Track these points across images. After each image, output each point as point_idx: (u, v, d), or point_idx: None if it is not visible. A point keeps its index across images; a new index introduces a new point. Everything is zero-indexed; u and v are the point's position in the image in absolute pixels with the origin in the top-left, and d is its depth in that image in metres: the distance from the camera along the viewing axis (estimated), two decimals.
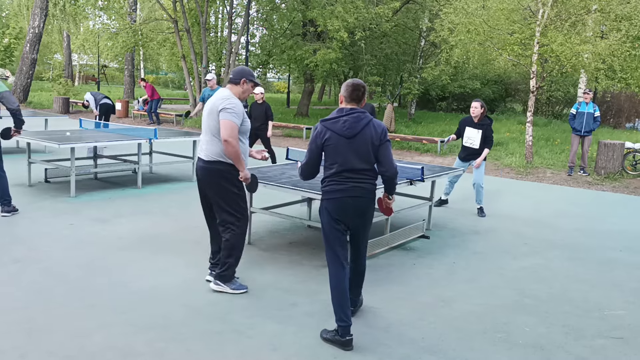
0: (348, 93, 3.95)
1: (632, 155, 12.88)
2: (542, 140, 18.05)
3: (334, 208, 3.98)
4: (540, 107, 29.18)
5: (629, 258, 6.45)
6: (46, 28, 31.08)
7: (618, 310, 4.83)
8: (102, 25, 23.40)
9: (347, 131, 3.89)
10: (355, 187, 3.95)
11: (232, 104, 4.47)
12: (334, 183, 3.97)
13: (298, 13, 21.20)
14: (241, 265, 5.44)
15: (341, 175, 3.95)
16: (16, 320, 4.02)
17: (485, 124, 8.01)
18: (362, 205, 4.00)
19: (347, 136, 3.89)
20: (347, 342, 3.84)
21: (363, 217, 4.05)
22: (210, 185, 4.61)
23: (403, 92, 24.03)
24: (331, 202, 3.98)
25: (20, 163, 9.71)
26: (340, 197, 3.95)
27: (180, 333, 3.96)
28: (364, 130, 3.91)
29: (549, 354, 3.93)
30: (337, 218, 3.99)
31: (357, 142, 3.90)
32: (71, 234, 6.20)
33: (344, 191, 3.95)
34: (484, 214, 8.19)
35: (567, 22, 12.99)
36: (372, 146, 3.93)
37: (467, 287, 5.22)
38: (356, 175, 3.95)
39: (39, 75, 40.35)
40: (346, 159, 3.92)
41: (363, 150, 3.92)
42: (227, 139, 4.40)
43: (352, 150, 3.91)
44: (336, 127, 3.92)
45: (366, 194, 3.99)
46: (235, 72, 4.68)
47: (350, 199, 3.95)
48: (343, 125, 3.90)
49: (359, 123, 3.90)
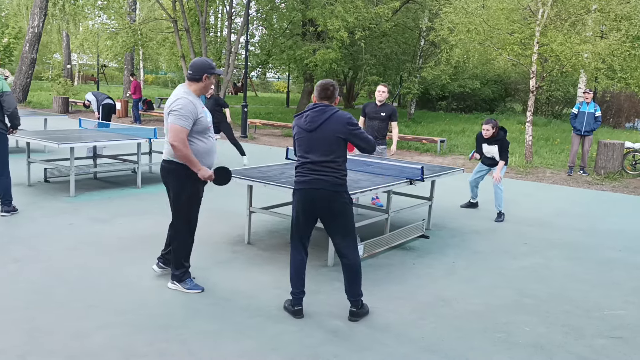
0: (317, 92, 4.21)
1: (631, 155, 12.89)
2: (541, 140, 18.05)
3: (298, 199, 4.24)
4: (540, 107, 29.19)
5: (629, 258, 6.45)
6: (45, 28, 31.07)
7: (618, 310, 4.83)
8: (102, 25, 23.37)
9: (308, 125, 4.14)
10: (316, 180, 4.13)
11: (179, 105, 4.34)
12: (299, 174, 4.23)
13: (298, 13, 21.19)
14: (241, 265, 5.44)
15: (304, 167, 4.19)
16: (16, 320, 4.02)
17: (499, 139, 7.98)
18: (324, 196, 4.14)
19: (309, 129, 4.13)
20: (296, 312, 4.29)
21: (328, 209, 4.18)
22: (166, 185, 4.64)
23: (403, 92, 24.03)
24: (296, 193, 4.26)
25: (19, 163, 9.71)
26: (302, 188, 4.20)
27: (181, 333, 3.95)
28: (324, 124, 4.09)
29: (549, 354, 3.93)
30: (303, 209, 4.23)
31: (317, 135, 4.11)
32: (71, 234, 6.19)
33: (305, 183, 4.18)
34: (500, 219, 7.95)
35: (567, 21, 12.99)
36: (336, 138, 4.09)
37: (467, 286, 5.22)
38: (317, 168, 4.13)
39: (38, 75, 40.32)
40: (307, 152, 4.16)
41: (323, 143, 4.10)
42: (172, 142, 4.34)
43: (313, 143, 4.13)
44: (300, 122, 4.21)
45: (327, 186, 4.12)
46: (194, 68, 4.50)
47: (312, 191, 4.15)
48: (305, 119, 4.17)
49: (320, 117, 4.11)
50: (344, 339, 3.99)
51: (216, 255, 5.74)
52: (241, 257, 5.72)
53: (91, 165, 9.74)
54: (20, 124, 7.14)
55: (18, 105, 23.86)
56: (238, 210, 7.61)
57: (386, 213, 6.38)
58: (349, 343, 3.94)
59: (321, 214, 4.22)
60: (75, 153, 8.31)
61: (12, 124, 6.98)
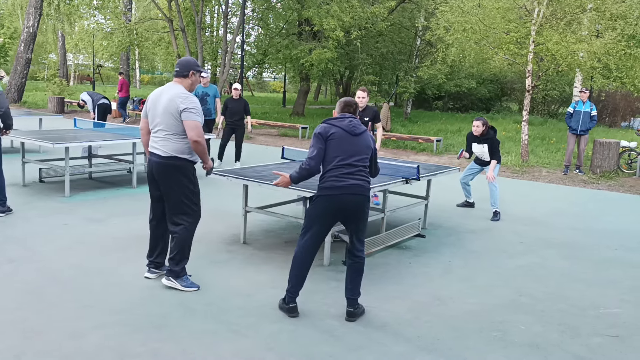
0: (340, 108, 4.37)
1: (627, 154, 12.92)
2: (537, 139, 18.08)
3: (330, 204, 4.18)
4: (536, 106, 29.24)
5: (625, 256, 6.46)
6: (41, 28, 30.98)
7: (614, 309, 4.84)
8: (97, 24, 23.31)
9: (354, 129, 4.22)
10: (356, 185, 4.16)
11: (192, 103, 4.52)
12: (333, 179, 4.15)
13: (293, 12, 21.19)
14: (236, 264, 5.42)
15: (341, 171, 4.15)
16: (11, 320, 4.00)
17: (489, 138, 7.98)
18: (360, 201, 4.20)
19: (353, 133, 4.21)
20: (291, 309, 4.29)
21: (360, 213, 4.25)
22: (166, 181, 4.61)
23: (399, 91, 24.05)
24: (328, 199, 4.17)
25: (14, 163, 9.66)
26: (339, 194, 4.14)
27: (176, 333, 3.94)
28: (365, 133, 4.30)
29: (545, 353, 3.93)
30: (333, 214, 4.21)
31: (360, 140, 4.23)
32: (66, 234, 6.17)
33: (343, 188, 4.13)
34: (497, 218, 7.95)
35: (563, 21, 13.01)
36: (370, 150, 4.31)
37: (463, 285, 5.22)
38: (355, 171, 4.18)
39: (34, 75, 40.22)
40: (348, 154, 4.18)
41: (364, 149, 4.25)
42: (197, 139, 4.49)
43: (355, 146, 4.21)
44: (343, 124, 4.22)
45: (365, 192, 4.21)
46: (182, 65, 4.66)
47: (351, 196, 4.15)
48: (350, 123, 4.24)
49: (360, 126, 4.29)
50: (340, 339, 3.98)
51: (212, 254, 5.72)
52: (237, 256, 5.71)
53: (86, 165, 9.70)
54: (13, 124, 7.12)
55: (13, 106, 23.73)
56: (233, 210, 7.59)
57: (382, 212, 6.37)
58: (344, 342, 3.93)
59: (350, 217, 4.25)
60: (70, 153, 8.28)
61: (5, 125, 6.95)
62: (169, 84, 4.68)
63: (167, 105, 4.52)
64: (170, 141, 4.55)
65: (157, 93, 4.68)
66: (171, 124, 4.53)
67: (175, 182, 4.61)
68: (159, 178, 4.65)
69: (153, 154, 4.65)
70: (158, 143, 4.62)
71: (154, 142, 4.65)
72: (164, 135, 4.57)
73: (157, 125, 4.61)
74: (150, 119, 4.69)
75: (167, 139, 4.56)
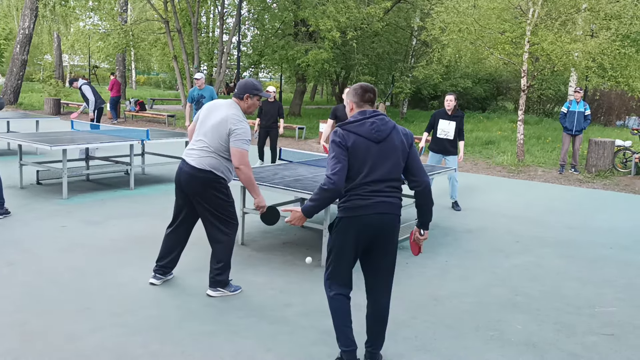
0: (359, 96, 3.44)
1: (622, 153, 12.97)
2: (533, 138, 18.14)
3: (355, 227, 3.38)
4: (532, 106, 29.32)
5: (620, 255, 6.51)
6: (36, 29, 30.92)
7: (609, 307, 4.88)
8: (93, 26, 23.26)
9: (377, 134, 3.35)
10: (383, 203, 3.37)
11: (243, 129, 4.41)
12: (357, 197, 3.36)
13: (289, 13, 21.20)
14: (235, 266, 5.45)
15: (366, 188, 3.35)
16: (9, 323, 4.01)
17: (459, 116, 8.27)
18: (390, 223, 3.41)
19: (377, 140, 3.35)
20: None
21: (388, 239, 3.45)
22: (198, 194, 4.53)
23: (395, 91, 24.08)
24: (353, 220, 3.37)
25: (11, 165, 9.67)
26: (365, 214, 3.35)
27: (175, 334, 3.96)
28: (392, 134, 3.40)
29: (541, 352, 3.97)
30: (357, 239, 3.40)
31: (386, 147, 3.37)
32: (63, 236, 6.18)
33: (369, 207, 3.35)
34: (459, 208, 8.43)
35: (557, 21, 13.07)
36: (402, 153, 3.42)
37: (459, 285, 5.25)
38: (384, 188, 3.39)
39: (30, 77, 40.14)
40: (374, 167, 3.35)
41: (393, 158, 3.38)
42: (240, 167, 4.40)
43: (382, 156, 3.36)
44: (362, 130, 3.35)
45: (395, 210, 3.43)
46: (239, 87, 4.55)
47: (377, 216, 3.36)
48: (371, 127, 3.35)
49: (386, 125, 3.40)
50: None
51: (209, 256, 5.73)
52: (235, 258, 5.72)
53: (84, 167, 9.71)
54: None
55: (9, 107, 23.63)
56: None
57: None
58: None
59: (379, 245, 3.44)
60: (68, 155, 8.28)
61: None
62: (229, 102, 4.57)
63: (219, 122, 4.44)
64: (210, 157, 4.46)
65: (217, 104, 4.58)
66: (215, 141, 4.44)
67: (209, 196, 4.52)
68: (189, 190, 4.55)
69: (185, 163, 4.55)
70: (195, 153, 4.52)
71: (190, 150, 4.57)
72: (205, 149, 4.47)
73: (202, 136, 4.52)
74: (197, 126, 4.62)
75: (207, 155, 4.46)
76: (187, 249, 5.89)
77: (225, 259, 4.68)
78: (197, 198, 4.55)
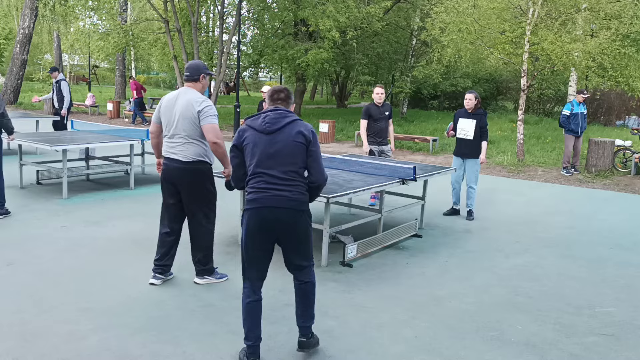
0: (269, 96, 3.64)
1: (622, 153, 12.97)
2: (533, 138, 18.14)
3: (251, 221, 3.48)
4: (532, 105, 29.29)
5: (620, 255, 6.51)
6: (36, 29, 30.92)
7: (609, 307, 4.88)
8: (93, 25, 23.26)
9: (267, 126, 3.48)
10: (275, 197, 3.44)
11: (208, 106, 4.61)
12: (252, 190, 3.49)
13: (289, 12, 21.17)
14: (233, 266, 5.45)
15: (259, 180, 3.47)
16: (9, 323, 4.02)
17: (479, 114, 7.79)
18: (284, 218, 3.46)
19: (267, 132, 3.48)
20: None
21: (288, 232, 3.51)
22: (191, 186, 4.69)
23: (395, 91, 24.07)
24: (248, 214, 3.49)
25: (12, 165, 9.66)
26: (258, 207, 3.45)
27: (175, 335, 3.96)
28: (286, 128, 3.48)
29: (541, 352, 3.97)
30: (256, 233, 3.49)
31: (277, 139, 3.46)
32: (64, 236, 6.18)
33: (260, 200, 3.45)
34: (472, 218, 7.90)
35: (558, 20, 13.07)
36: (299, 147, 3.48)
37: (459, 285, 5.25)
38: (277, 181, 3.45)
39: (30, 76, 40.13)
40: (262, 159, 3.47)
41: (286, 150, 3.46)
42: (217, 140, 4.56)
43: (272, 149, 3.46)
44: (256, 124, 3.53)
45: (291, 204, 3.46)
46: (192, 69, 4.72)
47: (268, 210, 3.44)
48: (263, 120, 3.51)
49: (282, 120, 3.49)
50: (338, 339, 4.01)
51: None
52: (235, 257, 5.73)
53: (84, 167, 9.71)
54: (13, 128, 7.17)
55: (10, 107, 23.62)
56: (231, 211, 7.62)
57: (379, 213, 6.40)
58: (342, 343, 3.96)
59: (281, 237, 3.54)
60: (68, 155, 8.29)
61: (7, 130, 7.01)
62: (182, 89, 4.74)
63: (183, 110, 4.58)
64: (191, 145, 4.63)
65: (171, 98, 4.70)
66: (190, 129, 4.59)
67: (198, 187, 4.71)
68: (180, 183, 4.70)
69: (171, 160, 4.68)
70: (176, 148, 4.65)
71: (170, 148, 4.68)
72: (183, 141, 4.62)
73: (174, 130, 4.64)
74: (164, 124, 4.72)
75: (187, 143, 4.62)
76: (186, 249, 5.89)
77: (208, 248, 4.90)
78: (187, 189, 4.71)
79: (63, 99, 11.67)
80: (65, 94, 11.69)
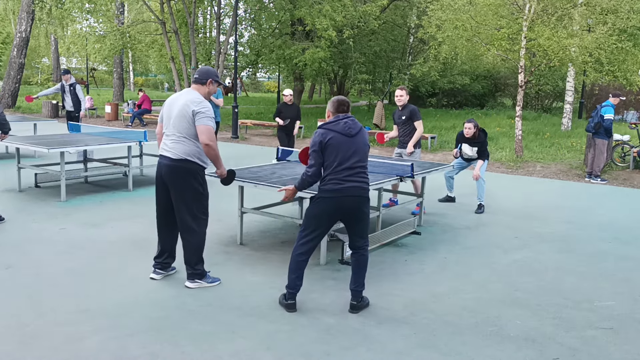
0: (335, 107, 4.41)
1: (621, 148, 12.98)
2: (531, 134, 18.14)
3: (330, 207, 4.29)
4: (530, 101, 29.33)
5: (619, 249, 6.51)
6: (33, 32, 30.90)
7: (608, 301, 4.89)
8: (89, 28, 23.25)
9: (350, 130, 4.29)
10: (354, 187, 4.28)
11: (205, 108, 4.63)
12: (334, 182, 4.26)
13: (286, 12, 21.19)
14: (233, 266, 5.46)
15: (341, 173, 4.25)
16: (8, 326, 4.02)
17: (479, 142, 8.04)
18: (359, 205, 4.33)
19: (350, 135, 4.29)
20: (289, 305, 4.40)
21: (358, 214, 4.37)
22: (176, 184, 4.70)
23: (393, 89, 24.09)
24: (328, 201, 4.28)
25: (9, 168, 9.67)
26: (339, 196, 4.26)
27: (174, 335, 3.97)
28: (360, 132, 4.37)
29: (540, 346, 3.97)
30: (330, 216, 4.33)
31: (356, 140, 4.32)
32: (62, 239, 6.18)
33: (342, 191, 4.25)
34: (481, 210, 8.10)
35: (554, 16, 13.06)
36: (367, 148, 4.41)
37: (458, 282, 5.26)
38: (355, 173, 4.29)
39: (27, 80, 40.13)
40: (346, 157, 4.27)
41: (361, 151, 4.33)
42: (209, 142, 4.59)
43: (352, 149, 4.29)
44: (338, 127, 4.30)
45: (364, 193, 4.34)
46: (201, 73, 4.79)
47: (348, 199, 4.27)
48: (345, 125, 4.30)
49: (356, 124, 4.37)
50: (337, 337, 4.02)
51: (209, 256, 5.73)
52: (233, 257, 5.73)
53: (82, 169, 9.71)
54: (10, 128, 7.15)
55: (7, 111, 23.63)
56: (230, 211, 7.62)
57: (377, 210, 6.41)
58: (341, 340, 3.96)
59: (349, 218, 4.38)
60: (66, 157, 8.29)
61: (3, 129, 7.00)
62: (186, 89, 4.80)
63: (181, 109, 4.63)
64: (182, 144, 4.65)
65: (174, 98, 4.78)
66: (183, 127, 4.62)
67: (185, 185, 4.70)
68: (168, 180, 4.72)
69: (163, 157, 4.73)
70: (169, 145, 4.71)
71: (165, 145, 4.75)
72: (175, 138, 4.66)
73: (170, 128, 4.71)
74: (165, 123, 4.80)
75: (178, 141, 4.66)
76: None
77: (198, 252, 4.84)
78: (175, 188, 4.70)
79: (79, 101, 11.97)
80: (80, 97, 12.03)
